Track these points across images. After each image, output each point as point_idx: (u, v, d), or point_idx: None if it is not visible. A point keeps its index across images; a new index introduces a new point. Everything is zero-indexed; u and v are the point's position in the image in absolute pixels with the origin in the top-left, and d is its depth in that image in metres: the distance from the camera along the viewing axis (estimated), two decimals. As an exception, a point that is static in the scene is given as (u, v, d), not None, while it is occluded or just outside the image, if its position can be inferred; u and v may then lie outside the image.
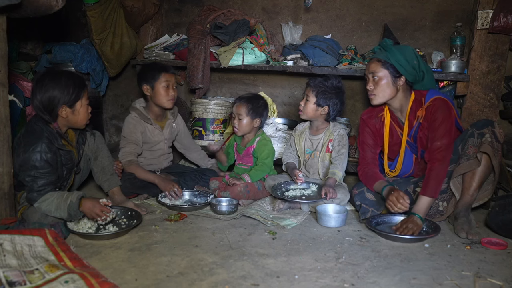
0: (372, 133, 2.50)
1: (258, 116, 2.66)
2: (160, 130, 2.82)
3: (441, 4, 3.14)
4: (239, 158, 2.79)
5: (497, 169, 2.22)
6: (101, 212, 2.02)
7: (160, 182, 2.56)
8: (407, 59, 2.26)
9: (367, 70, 2.37)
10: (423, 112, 2.30)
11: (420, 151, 2.39)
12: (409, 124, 2.37)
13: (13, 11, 1.92)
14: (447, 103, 2.28)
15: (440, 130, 2.23)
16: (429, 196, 2.17)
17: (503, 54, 2.75)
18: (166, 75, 2.71)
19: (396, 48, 2.30)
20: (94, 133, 2.42)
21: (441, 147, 2.21)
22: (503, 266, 1.82)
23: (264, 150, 2.67)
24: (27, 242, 1.66)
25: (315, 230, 2.18)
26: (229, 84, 3.80)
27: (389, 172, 2.51)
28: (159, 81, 2.68)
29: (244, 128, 2.67)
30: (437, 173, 2.20)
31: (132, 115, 2.76)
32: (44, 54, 3.49)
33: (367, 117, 2.52)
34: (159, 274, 1.66)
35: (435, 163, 2.20)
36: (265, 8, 3.58)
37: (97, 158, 2.39)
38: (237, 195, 2.53)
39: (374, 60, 2.33)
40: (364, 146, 2.52)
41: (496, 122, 2.30)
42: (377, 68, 2.30)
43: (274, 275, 1.68)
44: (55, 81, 2.09)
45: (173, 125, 2.92)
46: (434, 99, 2.29)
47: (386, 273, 1.73)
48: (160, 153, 2.86)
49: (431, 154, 2.23)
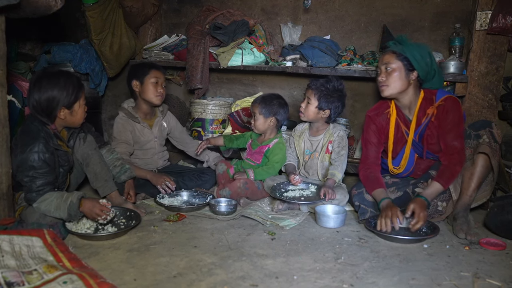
0: (377, 130, 2.48)
1: (271, 115, 2.67)
2: (149, 129, 2.83)
3: (440, 5, 3.15)
4: (250, 154, 2.80)
5: (496, 170, 2.23)
6: (101, 212, 2.02)
7: (152, 177, 2.60)
8: (422, 55, 2.27)
9: (380, 62, 2.36)
10: (434, 110, 2.30)
11: (425, 151, 2.38)
12: (417, 121, 2.37)
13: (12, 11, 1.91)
14: (459, 103, 2.30)
15: (454, 131, 2.25)
16: (441, 183, 2.20)
17: (501, 55, 2.75)
18: (156, 72, 2.74)
19: (412, 43, 2.31)
20: (85, 137, 2.33)
21: (458, 147, 2.24)
22: (501, 266, 1.82)
23: (278, 154, 2.69)
24: (26, 242, 1.65)
25: (314, 231, 2.18)
26: (228, 84, 3.80)
27: (393, 169, 2.49)
28: (148, 76, 2.71)
29: (259, 127, 2.70)
30: (454, 170, 2.22)
31: (120, 115, 2.79)
32: (43, 55, 3.49)
33: (373, 114, 2.50)
34: (158, 275, 1.66)
35: (453, 163, 2.22)
36: (264, 9, 3.58)
37: (89, 165, 2.33)
38: (235, 190, 2.54)
39: (388, 52, 2.33)
40: (367, 144, 2.50)
41: (494, 123, 2.31)
42: (391, 59, 2.30)
43: (273, 276, 1.67)
44: (53, 82, 2.07)
45: (163, 123, 2.93)
46: (446, 98, 2.30)
47: (385, 273, 1.73)
48: (152, 152, 2.87)
49: (450, 156, 2.24)
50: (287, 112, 2.75)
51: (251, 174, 2.63)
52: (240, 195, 2.55)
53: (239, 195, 2.55)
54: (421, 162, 2.43)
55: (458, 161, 2.23)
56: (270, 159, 2.69)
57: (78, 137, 2.32)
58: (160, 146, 2.93)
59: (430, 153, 2.39)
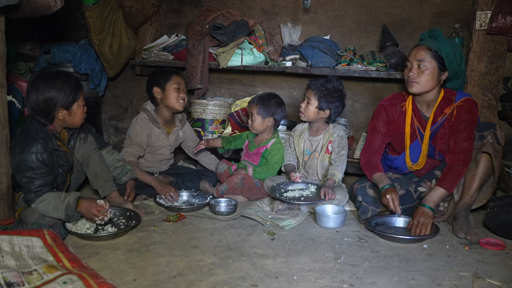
0: (388, 121, 2.44)
1: (269, 115, 2.67)
2: (166, 136, 2.81)
3: (439, 5, 3.15)
4: (247, 155, 2.80)
5: (497, 171, 2.23)
6: (98, 212, 2.01)
7: (157, 185, 2.56)
8: (456, 55, 2.23)
9: (412, 56, 2.26)
10: (454, 110, 2.28)
11: (437, 151, 2.36)
12: (433, 119, 2.34)
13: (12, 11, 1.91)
14: (477, 106, 2.30)
15: (466, 132, 2.24)
16: (445, 188, 2.18)
17: (501, 55, 2.76)
18: (177, 77, 2.73)
19: (447, 41, 2.24)
20: (86, 137, 2.34)
21: (467, 148, 2.22)
22: (501, 266, 1.82)
23: (277, 154, 2.68)
24: (26, 243, 1.65)
25: (314, 231, 2.19)
26: (228, 84, 3.80)
27: (412, 166, 2.44)
28: (170, 82, 2.69)
29: (257, 127, 2.69)
30: (458, 172, 2.21)
31: (141, 116, 2.75)
32: (43, 55, 3.49)
33: (388, 104, 2.45)
34: (158, 275, 1.66)
35: (459, 163, 2.21)
36: (264, 9, 3.58)
37: (89, 165, 2.33)
38: (232, 186, 2.55)
39: (423, 47, 2.23)
40: (374, 133, 2.46)
41: (498, 125, 2.31)
42: (427, 57, 2.21)
43: (273, 276, 1.67)
44: (51, 83, 2.07)
45: (180, 133, 2.91)
46: (466, 99, 2.29)
47: (385, 273, 1.73)
48: (161, 158, 2.86)
49: (457, 155, 2.23)
50: (284, 112, 2.75)
51: (250, 170, 2.64)
52: (237, 191, 2.56)
53: (235, 191, 2.56)
54: (427, 161, 2.42)
55: (463, 162, 2.21)
56: (269, 160, 2.69)
57: (78, 138, 2.32)
58: (170, 154, 2.92)
59: (439, 154, 2.38)
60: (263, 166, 2.69)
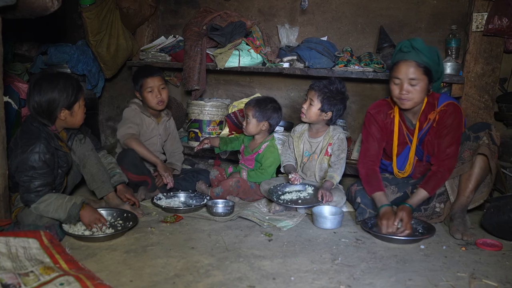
0: (380, 127, 2.43)
1: (264, 119, 2.66)
2: (156, 124, 2.89)
3: (436, 7, 3.16)
4: (243, 159, 2.81)
5: (494, 172, 2.24)
6: (98, 221, 2.05)
7: (161, 165, 2.66)
8: (439, 63, 2.24)
9: (401, 74, 2.19)
10: (436, 115, 2.28)
11: (426, 155, 2.36)
12: (419, 126, 2.34)
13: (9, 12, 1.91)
14: (460, 110, 2.28)
15: (450, 136, 2.24)
16: (427, 191, 2.21)
17: (497, 56, 2.76)
18: (148, 80, 2.76)
19: (428, 50, 2.19)
20: (83, 139, 2.36)
21: (450, 154, 2.23)
22: (498, 267, 1.83)
23: (269, 158, 2.68)
24: (22, 244, 1.65)
25: (311, 232, 2.19)
26: (225, 85, 3.80)
27: (398, 173, 2.45)
28: (143, 88, 2.78)
29: (251, 130, 2.69)
30: (441, 178, 2.24)
31: (132, 106, 2.84)
32: (40, 56, 3.48)
33: (375, 112, 2.44)
34: (155, 276, 1.65)
35: (443, 169, 2.23)
36: (261, 10, 3.58)
37: (85, 166, 2.35)
38: (227, 189, 2.56)
39: (413, 64, 2.17)
40: (369, 139, 2.43)
41: (493, 125, 2.31)
42: (418, 74, 2.17)
43: (270, 277, 1.68)
44: (53, 84, 2.09)
45: (167, 124, 2.99)
46: (448, 103, 2.27)
47: (382, 274, 1.73)
48: (153, 149, 2.87)
49: (441, 161, 2.24)
50: (280, 117, 2.75)
51: (244, 174, 2.65)
52: (232, 193, 2.56)
53: (230, 193, 2.56)
54: (420, 165, 2.42)
55: (447, 168, 2.23)
56: (263, 164, 2.69)
57: (76, 139, 2.33)
58: (160, 146, 2.96)
59: (429, 157, 2.39)
60: (256, 170, 2.69)
